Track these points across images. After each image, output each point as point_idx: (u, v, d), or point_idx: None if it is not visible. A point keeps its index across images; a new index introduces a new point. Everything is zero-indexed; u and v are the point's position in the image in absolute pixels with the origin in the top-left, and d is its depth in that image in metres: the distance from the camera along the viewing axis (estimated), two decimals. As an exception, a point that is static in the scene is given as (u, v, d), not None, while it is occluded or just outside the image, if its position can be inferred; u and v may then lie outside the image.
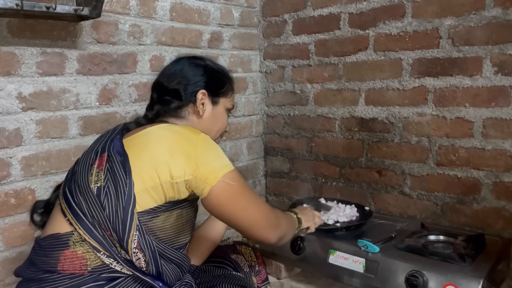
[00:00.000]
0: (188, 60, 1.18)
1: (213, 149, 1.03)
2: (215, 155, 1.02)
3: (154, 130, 1.04)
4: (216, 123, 1.18)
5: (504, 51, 1.45)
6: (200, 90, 1.13)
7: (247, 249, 1.39)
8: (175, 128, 1.05)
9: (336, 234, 1.51)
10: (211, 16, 1.88)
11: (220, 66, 1.23)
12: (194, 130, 1.05)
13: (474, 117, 1.54)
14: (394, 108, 1.72)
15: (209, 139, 1.04)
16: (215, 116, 1.17)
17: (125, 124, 1.14)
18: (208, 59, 1.22)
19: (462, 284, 1.20)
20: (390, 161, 1.76)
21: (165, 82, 1.15)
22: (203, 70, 1.16)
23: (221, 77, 1.19)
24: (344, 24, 1.83)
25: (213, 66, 1.19)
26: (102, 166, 0.98)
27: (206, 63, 1.19)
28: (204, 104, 1.14)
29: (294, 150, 2.08)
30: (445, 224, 1.64)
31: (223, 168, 1.00)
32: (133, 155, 0.98)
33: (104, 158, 0.99)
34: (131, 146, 1.01)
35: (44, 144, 1.40)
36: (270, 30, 2.08)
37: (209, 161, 0.99)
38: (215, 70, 1.19)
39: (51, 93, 1.40)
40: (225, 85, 1.19)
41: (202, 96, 1.13)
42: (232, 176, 1.01)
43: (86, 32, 1.46)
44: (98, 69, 1.51)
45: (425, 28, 1.61)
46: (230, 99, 1.22)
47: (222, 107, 1.19)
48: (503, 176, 1.50)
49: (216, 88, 1.17)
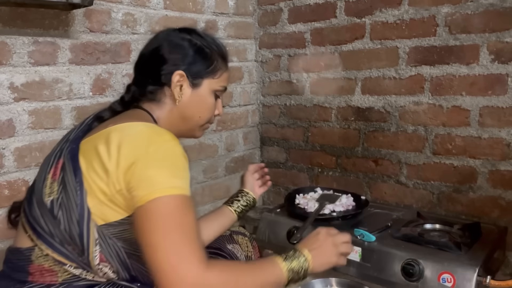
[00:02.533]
0: (170, 35, 1.03)
1: (169, 160, 0.83)
2: (162, 167, 0.81)
3: (110, 133, 0.87)
4: (198, 109, 1.03)
5: (501, 38, 1.44)
6: (176, 71, 0.98)
7: (243, 239, 1.38)
8: (134, 129, 0.88)
9: (332, 223, 1.51)
10: (205, 5, 1.86)
11: (210, 40, 1.05)
12: (158, 133, 0.87)
13: (470, 105, 1.53)
14: (390, 97, 1.71)
15: (173, 148, 0.85)
16: (196, 100, 1.02)
17: (98, 113, 1.02)
18: (197, 32, 1.05)
19: (458, 272, 1.20)
20: (386, 151, 1.76)
21: (141, 60, 1.04)
22: (185, 46, 1.00)
23: (208, 54, 1.02)
24: (340, 12, 1.81)
25: (199, 41, 1.02)
26: (56, 176, 0.88)
27: (191, 38, 1.02)
28: (182, 87, 0.99)
29: (290, 140, 2.07)
30: (441, 213, 1.64)
31: (158, 189, 0.78)
32: (86, 161, 0.86)
33: (59, 166, 0.88)
34: (87, 150, 0.88)
35: (37, 135, 1.38)
36: (266, 19, 2.06)
37: (148, 171, 0.80)
38: (200, 46, 1.02)
39: (43, 83, 1.38)
40: (212, 64, 1.02)
41: (179, 78, 0.99)
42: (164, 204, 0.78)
43: (79, 21, 1.44)
44: (91, 58, 1.49)
45: (421, 16, 1.60)
46: (219, 80, 1.04)
47: (207, 90, 1.02)
48: (499, 165, 1.50)
49: (198, 68, 1.01)
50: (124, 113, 1.00)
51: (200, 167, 1.91)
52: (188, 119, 1.02)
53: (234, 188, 2.08)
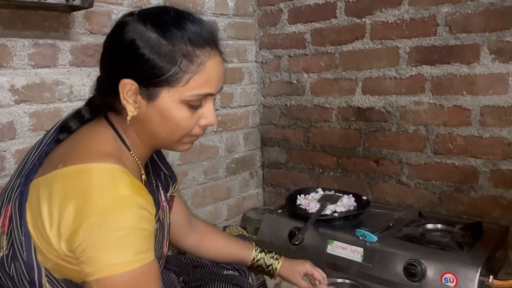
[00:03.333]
0: (122, 24, 0.77)
1: (119, 228, 0.66)
2: (110, 239, 0.66)
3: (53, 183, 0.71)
4: (162, 125, 0.78)
5: (502, 38, 1.44)
6: (123, 78, 0.74)
7: None
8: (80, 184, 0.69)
9: (334, 224, 1.51)
10: (205, 6, 1.86)
11: (178, 29, 0.75)
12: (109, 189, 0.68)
13: (471, 105, 1.53)
14: (391, 97, 1.71)
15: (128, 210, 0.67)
16: (157, 116, 0.77)
17: (65, 121, 0.84)
18: (160, 17, 0.77)
19: (460, 272, 1.20)
20: (387, 151, 1.75)
21: (100, 56, 0.82)
22: (135, 42, 0.74)
23: (165, 53, 0.74)
24: (340, 13, 1.81)
25: (157, 32, 0.74)
26: (4, 227, 0.74)
27: (145, 28, 0.74)
28: (135, 99, 0.76)
29: (291, 141, 2.07)
30: (443, 212, 1.64)
31: (105, 267, 0.65)
32: (32, 216, 0.71)
33: (8, 215, 0.74)
34: (33, 202, 0.72)
35: (38, 137, 1.34)
36: (266, 19, 2.06)
37: (93, 245, 0.65)
38: (155, 40, 0.74)
39: (44, 85, 1.38)
40: (172, 66, 0.74)
41: (128, 87, 0.75)
42: (112, 284, 0.66)
43: (79, 23, 1.44)
44: (92, 60, 1.48)
45: (422, 15, 1.59)
46: (188, 87, 0.75)
47: (171, 101, 0.76)
48: (500, 164, 1.50)
49: (150, 74, 0.74)
50: (86, 129, 0.82)
51: (200, 168, 1.91)
52: (154, 136, 0.80)
53: (235, 189, 2.08)
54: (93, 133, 0.80)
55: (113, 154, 0.75)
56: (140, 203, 0.69)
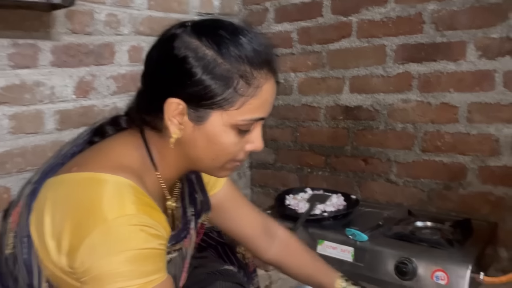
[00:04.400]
0: (172, 37, 0.71)
1: (123, 249, 0.61)
2: (113, 260, 0.61)
3: (72, 182, 0.67)
4: (206, 149, 0.72)
5: (488, 34, 1.45)
6: (169, 97, 0.69)
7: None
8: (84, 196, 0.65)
9: (323, 223, 1.50)
10: (190, 5, 1.83)
11: (234, 47, 0.68)
12: (128, 199, 0.64)
13: (458, 102, 1.53)
14: (378, 95, 1.71)
15: (132, 228, 0.62)
16: (203, 139, 0.71)
17: (101, 125, 0.81)
18: (216, 32, 0.70)
19: (451, 270, 1.20)
20: (375, 149, 1.75)
21: (143, 73, 0.77)
22: (185, 61, 0.68)
23: (221, 73, 0.68)
24: (326, 11, 1.80)
25: (211, 50, 0.68)
26: (14, 223, 0.71)
27: (199, 44, 0.68)
28: (181, 120, 0.71)
29: (278, 141, 2.05)
30: (432, 210, 1.63)
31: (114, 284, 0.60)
32: (36, 219, 0.67)
33: (18, 210, 0.71)
34: (40, 205, 0.67)
35: (19, 140, 1.34)
36: (252, 19, 2.04)
37: (95, 266, 0.61)
38: (210, 59, 0.68)
39: (24, 87, 1.34)
40: (228, 88, 0.68)
41: (175, 107, 0.69)
42: None
43: (60, 22, 1.40)
44: (74, 60, 1.45)
45: (408, 13, 1.59)
46: (241, 111, 0.70)
47: (220, 125, 0.70)
48: (488, 161, 1.50)
49: (202, 95, 0.68)
50: (117, 138, 0.78)
51: (188, 170, 1.88)
52: (195, 161, 0.75)
53: (223, 191, 2.05)
54: (121, 143, 0.76)
55: (134, 170, 0.70)
56: (146, 222, 0.64)
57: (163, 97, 0.69)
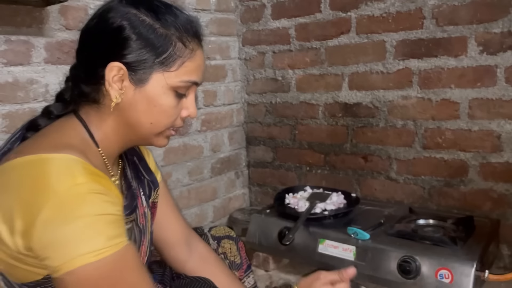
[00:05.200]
0: (110, 9, 0.75)
1: (79, 216, 0.62)
2: (72, 228, 0.61)
3: (13, 167, 0.67)
4: (147, 113, 0.76)
5: (489, 29, 1.43)
6: (111, 62, 0.72)
7: (227, 243, 1.27)
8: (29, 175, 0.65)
9: (324, 222, 1.47)
10: (186, 1, 1.80)
11: (168, 15, 0.75)
12: (76, 170, 0.65)
13: (459, 98, 1.52)
14: (378, 92, 1.69)
15: (85, 196, 0.63)
16: (143, 102, 0.75)
17: (34, 119, 0.81)
18: (150, 3, 0.76)
19: (456, 268, 1.18)
20: (375, 146, 1.73)
21: (77, 47, 0.79)
22: (125, 26, 0.72)
23: (159, 35, 0.73)
24: (325, 7, 1.77)
25: (149, 17, 0.73)
26: None
27: (137, 12, 0.73)
28: (121, 84, 0.74)
29: (277, 139, 2.02)
30: (433, 207, 1.62)
31: (74, 258, 0.61)
32: None
33: None
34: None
35: (12, 139, 1.30)
36: (248, 15, 2.01)
37: (55, 237, 0.61)
38: (148, 23, 0.73)
39: (17, 84, 1.30)
40: (166, 50, 0.74)
41: (116, 72, 0.73)
42: (86, 275, 0.61)
43: (54, 18, 1.37)
44: (68, 57, 1.41)
45: (408, 8, 1.57)
46: (179, 72, 0.75)
47: (159, 87, 0.75)
48: (490, 157, 1.48)
49: (142, 57, 0.73)
50: (52, 125, 0.79)
51: (185, 169, 1.85)
52: (135, 126, 0.77)
53: (221, 190, 2.03)
54: (57, 127, 0.77)
55: (75, 146, 0.71)
56: (98, 189, 0.65)
57: (103, 64, 0.73)
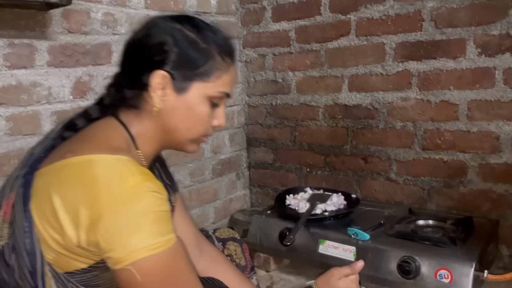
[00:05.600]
0: (157, 23, 0.83)
1: (142, 213, 0.68)
2: (136, 223, 0.68)
3: (73, 165, 0.72)
4: (185, 119, 0.83)
5: (487, 31, 1.44)
6: (156, 70, 0.79)
7: (232, 245, 1.30)
8: (92, 174, 0.70)
9: (325, 223, 1.49)
10: (187, 4, 1.81)
11: (208, 31, 0.84)
12: (122, 177, 0.70)
13: (458, 99, 1.53)
14: (378, 94, 1.70)
15: (145, 195, 0.70)
16: (182, 109, 0.82)
17: (71, 120, 0.87)
18: (193, 20, 0.84)
19: (455, 268, 1.19)
20: (375, 148, 1.74)
21: (122, 55, 0.86)
22: (172, 39, 0.80)
23: (201, 49, 0.81)
24: (324, 9, 1.79)
25: (192, 32, 0.82)
26: (6, 215, 0.74)
27: (182, 28, 0.82)
28: (164, 91, 0.80)
29: (277, 140, 2.04)
30: (433, 208, 1.63)
31: (137, 250, 0.67)
32: (37, 204, 0.71)
33: (10, 202, 0.74)
34: (41, 189, 0.72)
35: (16, 141, 1.32)
36: (249, 18, 2.03)
37: (120, 231, 0.67)
38: (192, 39, 0.81)
39: (20, 87, 1.32)
40: (206, 62, 0.81)
41: (160, 80, 0.79)
42: (148, 266, 0.67)
43: (56, 22, 1.38)
44: (71, 60, 1.43)
45: (407, 11, 1.59)
46: (216, 84, 0.82)
47: (198, 96, 0.82)
48: (489, 158, 1.50)
49: (186, 68, 0.80)
50: (95, 126, 0.84)
51: (186, 171, 1.86)
52: (173, 131, 0.84)
53: (222, 191, 2.04)
54: (102, 128, 0.83)
55: (122, 148, 0.77)
56: (152, 188, 0.71)
57: (148, 72, 0.79)
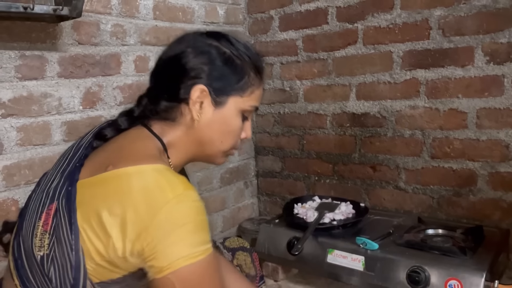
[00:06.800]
0: (195, 40, 0.87)
1: (184, 223, 0.71)
2: (178, 233, 0.70)
3: (116, 178, 0.75)
4: (220, 132, 0.87)
5: (496, 39, 1.44)
6: (197, 84, 0.83)
7: (242, 255, 1.31)
8: (138, 185, 0.73)
9: (333, 232, 1.48)
10: (195, 14, 1.83)
11: (242, 48, 0.88)
12: (168, 187, 0.72)
13: (467, 108, 1.52)
14: (386, 102, 1.70)
15: (187, 204, 0.72)
16: (219, 122, 0.86)
17: (99, 129, 0.89)
18: (228, 38, 0.88)
19: (465, 278, 1.18)
20: (383, 156, 1.73)
21: (158, 69, 0.90)
22: (210, 55, 0.84)
23: (238, 66, 0.86)
24: (332, 18, 1.80)
25: (229, 49, 0.86)
26: (47, 225, 0.75)
27: (219, 45, 0.86)
28: (202, 105, 0.84)
29: (285, 149, 2.04)
30: (442, 217, 1.62)
31: (178, 259, 0.69)
32: (83, 214, 0.73)
33: (51, 212, 0.76)
34: (85, 201, 0.74)
35: (26, 151, 1.33)
36: (256, 27, 2.04)
37: (164, 241, 0.69)
38: (229, 55, 0.85)
39: (31, 98, 1.34)
40: (242, 78, 0.86)
41: (199, 94, 0.83)
42: (186, 275, 0.70)
43: (67, 33, 1.40)
44: (81, 71, 1.45)
45: (414, 19, 1.59)
46: (249, 98, 0.87)
47: (233, 109, 0.86)
48: (498, 167, 1.48)
49: (224, 83, 0.85)
50: (127, 135, 0.86)
51: (194, 179, 1.87)
52: (207, 143, 0.87)
53: (230, 200, 2.05)
54: (136, 138, 0.85)
55: (157, 157, 0.80)
56: (194, 196, 0.74)
57: (188, 85, 0.83)
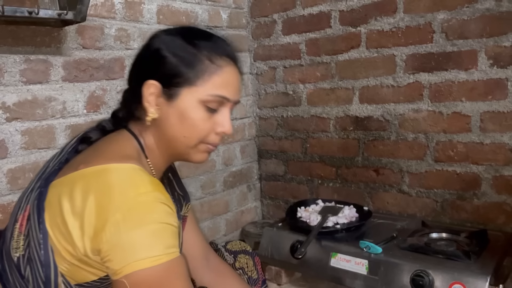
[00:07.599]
0: (152, 37, 0.86)
1: (144, 223, 0.67)
2: (136, 234, 0.67)
3: (75, 182, 0.73)
4: (179, 126, 0.81)
5: (499, 43, 1.44)
6: (145, 80, 0.80)
7: (244, 258, 1.31)
8: (102, 181, 0.71)
9: (336, 236, 1.48)
10: (199, 18, 1.84)
11: (199, 37, 0.83)
12: (131, 186, 0.70)
13: (471, 111, 1.52)
14: (389, 105, 1.70)
15: (149, 205, 0.69)
16: (175, 116, 0.81)
17: (85, 133, 0.89)
18: (186, 29, 0.86)
19: (469, 282, 1.17)
20: (387, 159, 1.73)
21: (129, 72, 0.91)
22: (162, 49, 0.81)
23: (188, 54, 0.80)
24: (335, 22, 1.80)
25: (182, 39, 0.81)
26: (22, 227, 0.76)
27: (173, 38, 0.82)
28: (157, 100, 0.81)
29: (288, 152, 2.04)
30: (446, 221, 1.61)
31: (134, 262, 0.66)
32: (50, 214, 0.73)
33: (26, 215, 0.76)
34: (53, 200, 0.74)
35: (31, 155, 1.34)
36: (260, 31, 2.05)
37: (119, 241, 0.66)
38: (179, 45, 0.81)
39: (36, 102, 1.34)
40: (193, 67, 0.79)
41: (152, 90, 0.80)
42: (141, 280, 0.66)
43: (71, 38, 1.41)
44: (85, 75, 1.45)
45: (417, 23, 1.59)
46: (206, 87, 0.80)
47: (189, 101, 0.80)
48: (503, 170, 1.48)
49: (173, 74, 0.80)
50: (108, 138, 0.87)
51: (198, 183, 1.87)
52: (171, 140, 0.83)
53: (233, 203, 2.05)
54: (114, 140, 0.84)
55: (134, 157, 0.79)
56: (161, 199, 0.71)
57: (142, 82, 0.81)
